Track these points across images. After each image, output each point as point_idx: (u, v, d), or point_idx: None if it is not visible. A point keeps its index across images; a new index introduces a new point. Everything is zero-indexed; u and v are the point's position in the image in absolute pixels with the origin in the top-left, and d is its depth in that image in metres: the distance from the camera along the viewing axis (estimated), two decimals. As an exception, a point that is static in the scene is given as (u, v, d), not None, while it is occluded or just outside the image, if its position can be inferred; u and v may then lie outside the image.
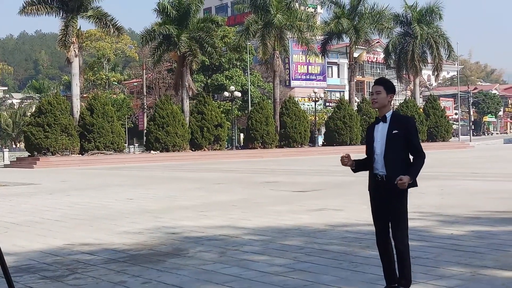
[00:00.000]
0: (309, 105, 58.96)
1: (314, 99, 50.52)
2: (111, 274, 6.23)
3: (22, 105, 77.38)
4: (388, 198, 4.70)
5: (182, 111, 42.86)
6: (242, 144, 50.67)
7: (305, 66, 69.21)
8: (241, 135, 55.28)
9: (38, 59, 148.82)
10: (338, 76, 76.43)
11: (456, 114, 79.76)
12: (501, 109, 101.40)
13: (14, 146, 78.66)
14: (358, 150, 40.56)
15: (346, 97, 57.03)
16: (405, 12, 54.87)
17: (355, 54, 53.52)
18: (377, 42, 65.48)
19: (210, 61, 52.02)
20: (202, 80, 56.47)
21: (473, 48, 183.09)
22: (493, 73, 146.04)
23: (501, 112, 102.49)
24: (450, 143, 55.22)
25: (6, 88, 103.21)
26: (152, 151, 40.84)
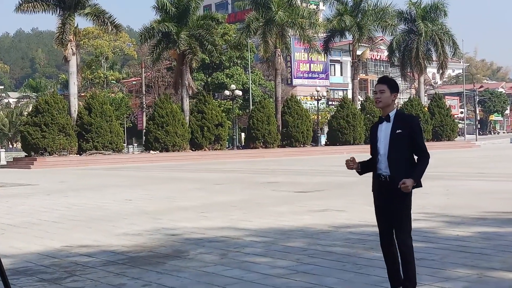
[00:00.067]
0: (312, 104, 58.97)
1: (317, 98, 50.50)
2: (110, 277, 6.23)
3: (19, 104, 77.38)
4: (392, 199, 4.70)
5: (182, 110, 42.86)
6: (243, 144, 50.70)
7: (307, 64, 69.18)
8: (242, 135, 55.30)
9: (35, 58, 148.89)
10: (341, 74, 76.38)
11: (462, 113, 79.74)
12: (508, 108, 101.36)
13: (11, 146, 78.71)
14: (362, 150, 40.69)
15: (349, 96, 57.06)
16: (409, 9, 54.83)
17: (358, 52, 53.49)
18: (381, 40, 65.46)
19: (210, 59, 52.01)
20: (202, 79, 56.49)
21: (479, 46, 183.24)
22: (499, 71, 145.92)
23: (508, 111, 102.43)
24: (456, 143, 55.18)
25: (2, 87, 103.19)
26: (152, 151, 40.85)
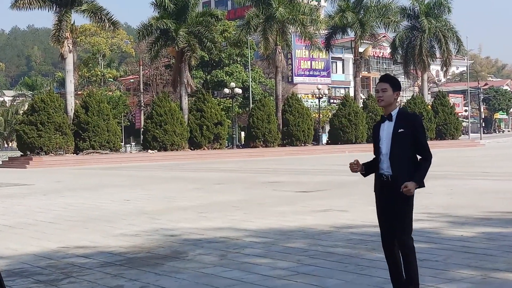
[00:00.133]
0: (313, 102, 58.96)
1: (318, 96, 50.50)
2: (107, 278, 6.24)
3: (14, 103, 77.47)
4: (394, 199, 4.70)
5: (181, 109, 42.86)
6: (243, 143, 50.68)
7: (309, 62, 69.16)
8: (242, 134, 55.28)
9: (31, 55, 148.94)
10: (343, 72, 76.37)
11: (466, 111, 79.71)
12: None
13: (6, 146, 78.83)
14: (364, 149, 40.71)
15: (351, 94, 56.99)
16: (413, 5, 54.79)
17: (361, 49, 53.47)
18: (383, 37, 65.37)
19: (210, 57, 52.01)
20: (201, 77, 56.49)
21: (484, 42, 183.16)
22: (504, 68, 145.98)
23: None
24: (460, 141, 55.17)
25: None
26: (150, 150, 40.86)
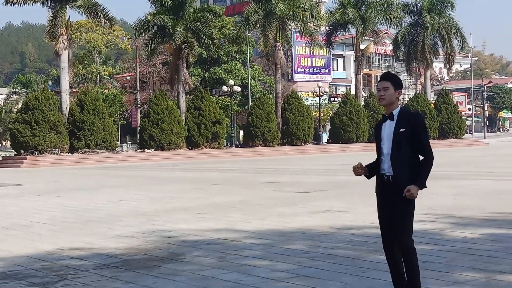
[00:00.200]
0: (313, 100, 58.95)
1: (319, 94, 50.51)
2: (103, 281, 6.24)
3: (8, 101, 77.30)
4: (395, 200, 4.71)
5: (178, 107, 42.86)
6: (242, 142, 50.68)
7: (309, 59, 69.16)
8: (241, 132, 55.27)
9: (25, 52, 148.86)
10: (344, 69, 76.39)
11: (470, 110, 79.73)
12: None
13: (0, 145, 78.77)
14: (365, 148, 40.74)
15: (353, 92, 57.00)
16: (415, 1, 54.84)
17: (362, 46, 53.47)
18: (385, 33, 65.40)
19: (208, 54, 52.00)
20: (199, 74, 56.48)
21: (488, 39, 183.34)
22: (509, 66, 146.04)
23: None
24: (463, 140, 55.22)
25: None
26: (146, 150, 40.87)
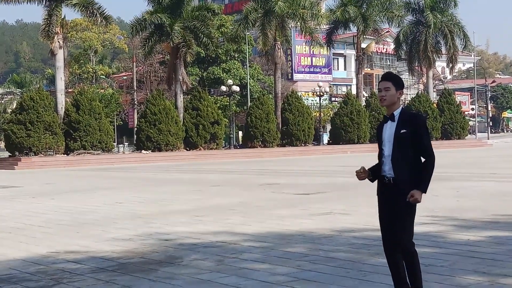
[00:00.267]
0: (313, 100, 58.95)
1: (319, 94, 50.50)
2: (99, 284, 6.24)
3: (2, 101, 77.23)
4: (395, 202, 4.71)
5: (176, 107, 42.84)
6: (241, 143, 50.69)
7: (309, 58, 69.19)
8: (240, 133, 55.29)
9: (20, 51, 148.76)
10: (345, 69, 76.41)
11: (473, 110, 79.74)
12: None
13: (-6, 146, 78.64)
14: (367, 149, 40.77)
15: (354, 92, 56.99)
16: (417, -1, 54.84)
17: (363, 45, 53.48)
18: (387, 32, 65.39)
19: (206, 53, 51.97)
20: (197, 73, 56.47)
21: (491, 38, 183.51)
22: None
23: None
24: (466, 141, 55.23)
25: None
26: (143, 151, 40.85)
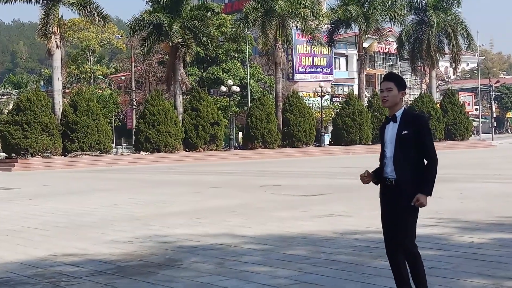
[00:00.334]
0: (315, 101, 58.98)
1: (320, 94, 50.51)
2: (98, 288, 6.24)
3: (-2, 102, 77.39)
4: (398, 203, 4.72)
5: (175, 108, 42.85)
6: (241, 144, 50.67)
7: (310, 58, 69.20)
8: (240, 134, 55.28)
9: (16, 51, 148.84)
10: (347, 69, 76.42)
11: (477, 110, 79.74)
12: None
13: (-10, 147, 78.64)
14: (369, 150, 40.73)
15: (355, 92, 57.01)
16: (420, -2, 54.81)
17: (365, 44, 53.49)
18: (389, 31, 65.43)
19: (205, 53, 51.95)
20: (197, 74, 56.48)
21: (495, 38, 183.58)
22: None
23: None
24: (470, 142, 55.20)
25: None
26: (142, 152, 40.85)
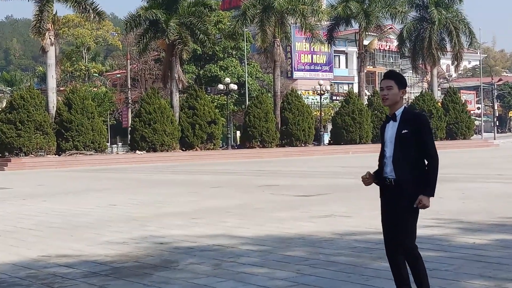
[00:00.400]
0: (314, 99, 58.97)
1: (320, 92, 50.51)
2: (92, 289, 6.24)
3: (-8, 100, 77.34)
4: (397, 203, 4.72)
5: (171, 106, 42.84)
6: (239, 143, 50.70)
7: (309, 55, 69.18)
8: (238, 133, 55.30)
9: (9, 48, 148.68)
10: (346, 67, 76.41)
11: (479, 109, 79.80)
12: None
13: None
14: (369, 150, 40.76)
15: (355, 90, 57.05)
16: (421, -6, 54.86)
17: (365, 42, 53.50)
18: (390, 28, 65.46)
19: (203, 50, 51.97)
20: (194, 71, 56.46)
21: (497, 35, 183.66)
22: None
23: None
24: (472, 141, 55.26)
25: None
26: (138, 151, 40.84)
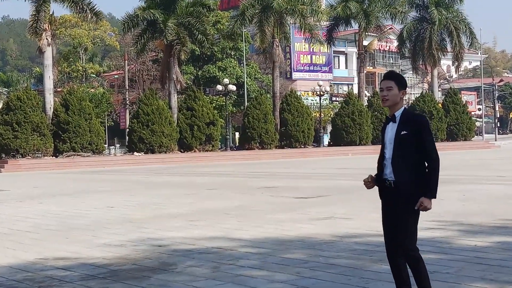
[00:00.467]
0: (313, 100, 58.99)
1: (319, 93, 50.51)
2: (90, 292, 6.23)
3: (-12, 101, 77.30)
4: (397, 205, 4.72)
5: (169, 107, 42.84)
6: (238, 145, 50.69)
7: (309, 56, 69.22)
8: (236, 134, 55.29)
9: (6, 49, 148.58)
10: (346, 67, 76.45)
11: (480, 110, 79.83)
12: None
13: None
14: (369, 151, 40.77)
15: (355, 91, 57.06)
16: (422, -6, 54.90)
17: (365, 42, 53.53)
18: (390, 29, 65.51)
19: (201, 51, 51.99)
20: (192, 72, 56.48)
21: (498, 35, 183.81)
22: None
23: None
24: (473, 143, 55.27)
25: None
26: (136, 153, 40.84)
